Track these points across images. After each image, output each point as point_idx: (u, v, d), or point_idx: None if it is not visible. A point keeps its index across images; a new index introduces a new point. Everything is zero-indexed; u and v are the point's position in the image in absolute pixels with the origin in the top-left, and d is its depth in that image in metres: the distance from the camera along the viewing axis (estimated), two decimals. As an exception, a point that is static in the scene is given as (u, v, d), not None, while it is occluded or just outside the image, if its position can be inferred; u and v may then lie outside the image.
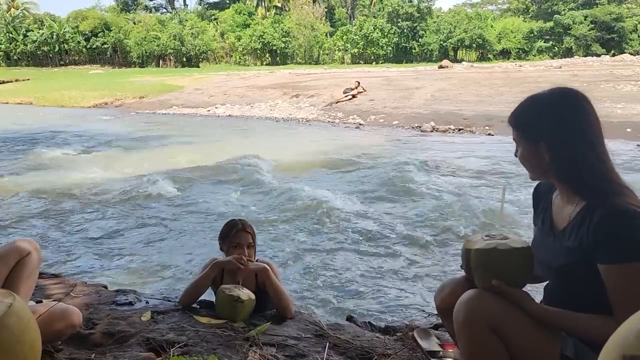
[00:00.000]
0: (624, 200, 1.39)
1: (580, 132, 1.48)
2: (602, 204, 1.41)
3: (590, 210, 1.44)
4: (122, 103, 25.10)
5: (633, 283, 1.35)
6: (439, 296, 1.84)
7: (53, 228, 6.12)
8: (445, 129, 15.18)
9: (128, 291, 2.95)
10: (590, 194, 1.46)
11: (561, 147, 1.49)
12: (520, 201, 6.93)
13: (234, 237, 2.74)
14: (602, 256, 1.39)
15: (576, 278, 1.50)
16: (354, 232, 5.90)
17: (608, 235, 1.38)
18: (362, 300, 4.18)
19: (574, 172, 1.48)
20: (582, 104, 1.51)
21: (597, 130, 1.50)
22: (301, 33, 53.55)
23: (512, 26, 51.20)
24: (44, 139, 14.01)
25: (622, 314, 1.34)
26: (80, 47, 56.09)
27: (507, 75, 24.63)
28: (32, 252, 2.14)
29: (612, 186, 1.44)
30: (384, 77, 26.69)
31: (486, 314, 1.48)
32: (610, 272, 1.38)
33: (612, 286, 1.38)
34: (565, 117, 1.49)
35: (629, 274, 1.35)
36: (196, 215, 6.66)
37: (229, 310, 2.51)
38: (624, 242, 1.36)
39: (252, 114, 20.25)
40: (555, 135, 1.49)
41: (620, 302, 1.37)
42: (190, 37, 53.70)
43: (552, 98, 1.54)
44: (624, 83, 20.19)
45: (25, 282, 2.11)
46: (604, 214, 1.40)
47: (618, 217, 1.37)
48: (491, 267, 1.56)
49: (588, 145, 1.47)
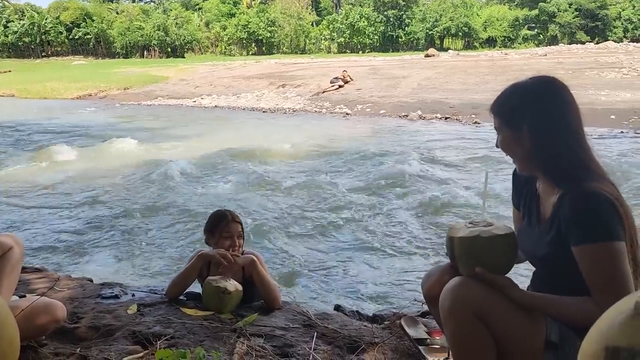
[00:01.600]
0: (598, 186, 1.41)
1: (560, 119, 1.50)
2: (576, 189, 1.44)
3: (565, 196, 1.47)
4: (106, 94, 24.79)
5: (603, 263, 1.37)
6: (426, 284, 1.85)
7: (37, 222, 6.04)
8: (431, 117, 15.21)
9: (114, 284, 2.92)
10: (567, 182, 1.48)
11: (542, 133, 1.50)
12: (504, 188, 6.99)
13: (224, 229, 2.71)
14: (572, 238, 1.42)
15: (559, 265, 1.52)
16: (340, 222, 5.90)
17: (576, 217, 1.41)
18: (350, 290, 4.19)
19: (554, 159, 1.50)
20: (563, 92, 1.53)
21: (577, 118, 1.52)
22: (287, 22, 53.23)
23: (497, 14, 51.37)
24: (26, 131, 13.79)
25: (597, 294, 1.39)
26: (62, 38, 55.22)
27: (493, 63, 24.73)
28: (14, 246, 2.10)
29: (589, 174, 1.46)
30: (370, 66, 26.65)
31: (471, 302, 1.49)
32: (580, 253, 1.41)
33: (584, 267, 1.41)
34: (546, 104, 1.51)
35: (597, 255, 1.38)
36: (182, 207, 6.61)
37: (216, 301, 2.50)
38: (590, 223, 1.39)
39: (239, 105, 20.12)
40: (536, 122, 1.51)
41: (593, 282, 1.40)
42: (174, 27, 53.12)
43: (533, 86, 1.56)
44: (608, 70, 20.38)
45: (8, 277, 2.07)
46: (572, 196, 1.43)
47: (585, 199, 1.40)
48: (474, 255, 1.56)
49: (568, 132, 1.49)
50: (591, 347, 0.74)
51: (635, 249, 1.44)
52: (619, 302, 0.77)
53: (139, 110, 19.64)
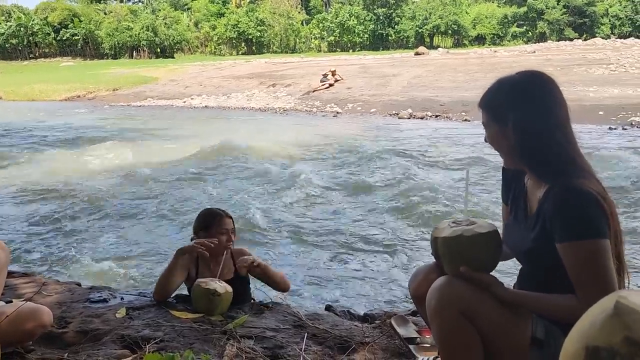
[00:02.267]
0: (582, 182, 1.41)
1: (546, 113, 1.49)
2: (561, 185, 1.43)
3: (550, 191, 1.47)
4: (95, 96, 24.63)
5: (587, 261, 1.37)
6: (412, 283, 1.85)
7: (23, 226, 5.98)
8: (422, 115, 15.27)
9: (102, 288, 2.90)
10: (553, 177, 1.47)
11: (527, 127, 1.50)
12: (488, 184, 7.03)
13: (219, 225, 2.65)
14: (557, 234, 1.42)
15: (543, 261, 1.52)
16: (329, 222, 5.90)
17: (560, 213, 1.41)
18: (340, 290, 4.19)
19: (539, 153, 1.50)
20: (550, 87, 1.53)
21: (564, 112, 1.51)
22: (276, 21, 53.12)
23: (486, 12, 51.59)
24: (13, 134, 13.65)
25: (581, 291, 1.39)
26: (50, 39, 54.74)
27: (482, 61, 24.84)
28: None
29: (575, 169, 1.45)
30: (360, 64, 26.68)
31: (457, 300, 1.49)
32: (565, 250, 1.40)
33: (568, 264, 1.40)
34: (532, 98, 1.51)
35: (581, 252, 1.37)
36: (170, 209, 6.58)
37: (205, 303, 2.48)
38: (575, 220, 1.39)
39: (229, 105, 20.07)
40: (522, 116, 1.50)
41: (577, 280, 1.39)
42: (163, 27, 52.83)
43: (519, 80, 1.55)
44: (596, 67, 20.54)
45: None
46: (556, 192, 1.43)
47: (570, 195, 1.40)
48: (458, 254, 1.57)
49: (554, 126, 1.49)
50: (572, 346, 0.74)
51: (619, 246, 1.44)
52: (600, 301, 0.77)
53: (128, 112, 19.52)
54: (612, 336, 0.69)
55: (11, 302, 2.23)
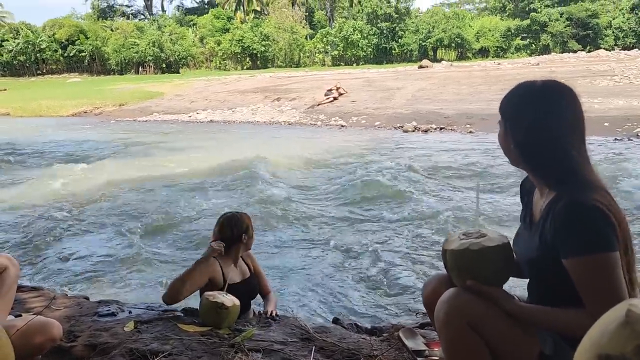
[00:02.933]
0: (588, 195, 1.39)
1: (555, 120, 1.48)
2: (565, 196, 1.41)
3: (555, 202, 1.45)
4: (101, 111, 24.82)
5: (596, 275, 1.34)
6: (425, 292, 1.86)
7: (33, 240, 6.01)
8: (426, 128, 15.28)
9: (110, 301, 2.91)
10: (557, 185, 1.46)
11: (533, 131, 1.49)
12: (497, 196, 7.02)
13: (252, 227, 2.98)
14: (563, 250, 1.40)
15: (545, 272, 1.51)
16: (337, 235, 5.90)
17: (565, 229, 1.38)
18: (348, 302, 4.17)
19: (542, 158, 1.49)
20: (564, 96, 1.52)
21: (575, 122, 1.50)
22: (281, 36, 53.52)
23: (489, 25, 51.78)
24: (20, 149, 13.76)
25: (591, 305, 1.36)
26: (57, 56, 55.30)
27: (486, 73, 24.91)
28: (9, 267, 2.10)
29: (581, 180, 1.44)
30: (364, 78, 26.80)
31: (465, 313, 1.49)
32: (571, 265, 1.38)
33: (576, 279, 1.38)
34: (543, 103, 1.50)
35: (590, 267, 1.35)
36: (178, 222, 6.60)
37: (213, 317, 2.49)
38: (579, 235, 1.36)
39: (234, 119, 20.18)
40: (530, 119, 1.50)
41: (587, 294, 1.37)
42: (169, 43, 53.31)
43: (537, 85, 1.55)
44: (600, 78, 20.54)
45: (3, 298, 2.07)
46: (562, 206, 1.40)
47: (576, 210, 1.37)
48: (465, 267, 1.57)
49: (561, 134, 1.47)
50: (583, 356, 0.74)
51: (629, 257, 1.42)
52: (611, 309, 0.77)
53: (134, 126, 19.65)
54: (623, 345, 0.69)
55: (21, 316, 2.24)
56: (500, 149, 1.63)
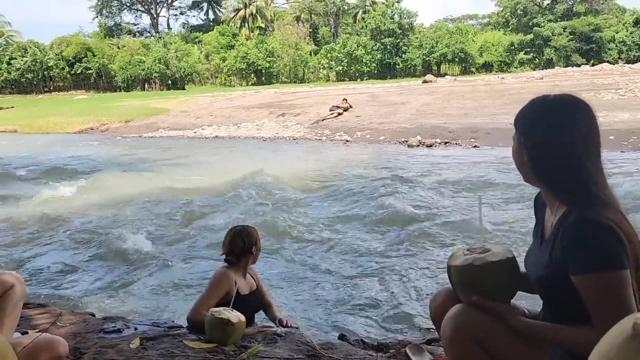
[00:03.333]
0: (599, 212, 1.38)
1: (568, 135, 1.47)
2: (576, 212, 1.40)
3: (565, 218, 1.44)
4: (107, 128, 25.00)
5: (605, 293, 1.33)
6: (432, 306, 1.86)
7: (39, 257, 6.03)
8: (431, 142, 15.28)
9: (116, 318, 2.91)
10: (568, 200, 1.46)
11: (545, 145, 1.48)
12: (500, 211, 6.99)
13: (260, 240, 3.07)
14: (571, 267, 1.38)
15: (554, 288, 1.49)
16: (342, 250, 5.88)
17: (575, 245, 1.37)
18: (354, 318, 4.15)
19: (553, 173, 1.48)
20: (578, 110, 1.51)
21: (589, 138, 1.49)
22: (285, 52, 53.95)
23: (493, 39, 52.04)
24: (26, 166, 13.85)
25: (599, 323, 1.34)
26: (64, 73, 55.90)
27: (490, 87, 24.96)
28: (15, 284, 2.12)
29: (592, 196, 1.42)
30: (369, 93, 26.91)
31: (472, 329, 1.48)
32: (580, 282, 1.37)
33: (585, 297, 1.37)
34: (556, 118, 1.49)
35: (599, 285, 1.34)
36: (184, 237, 6.61)
37: (219, 333, 2.48)
38: (588, 252, 1.35)
39: (239, 135, 20.27)
40: (542, 134, 1.49)
41: (596, 312, 1.35)
42: (175, 59, 53.82)
43: (550, 100, 1.55)
44: (605, 92, 20.55)
45: (10, 315, 2.08)
46: (572, 222, 1.39)
47: (586, 226, 1.36)
48: (469, 283, 1.56)
49: (574, 149, 1.46)
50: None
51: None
52: (618, 323, 0.76)
53: (140, 142, 19.77)
54: (632, 358, 0.69)
55: (27, 333, 2.24)
56: (505, 163, 1.63)
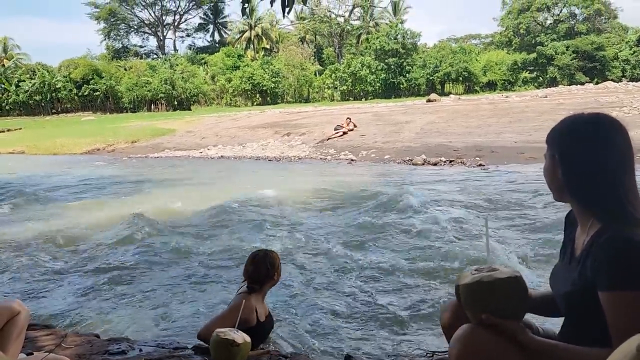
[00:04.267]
0: (634, 230, 1.37)
1: (601, 153, 1.48)
2: (610, 230, 1.40)
3: (599, 235, 1.44)
4: (114, 148, 25.20)
5: (630, 313, 1.32)
6: (442, 316, 1.87)
7: (43, 277, 6.03)
8: (436, 161, 15.29)
9: (120, 339, 2.90)
10: (603, 218, 1.45)
11: (578, 163, 1.50)
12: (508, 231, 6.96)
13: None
14: (600, 282, 1.38)
15: (579, 305, 1.49)
16: (347, 270, 5.85)
17: (607, 261, 1.37)
18: (359, 340, 4.11)
19: (587, 192, 1.49)
20: (611, 129, 1.53)
21: (622, 156, 1.50)
22: (290, 73, 54.48)
23: (496, 59, 52.38)
24: (33, 186, 13.93)
25: (618, 343, 1.27)
26: (72, 95, 56.61)
27: (494, 106, 25.03)
28: (21, 312, 2.19)
29: (627, 214, 1.42)
30: (373, 112, 27.04)
31: (480, 350, 1.47)
32: (608, 299, 1.36)
33: (610, 314, 1.36)
34: (589, 136, 1.51)
35: (624, 303, 1.33)
36: (190, 257, 6.60)
37: (224, 354, 2.46)
38: (620, 269, 1.34)
39: (244, 154, 20.37)
40: (576, 152, 1.51)
41: (617, 331, 1.34)
42: (181, 80, 54.45)
43: (583, 118, 1.58)
44: (609, 110, 20.55)
45: (16, 340, 2.14)
46: (606, 239, 1.39)
47: (620, 244, 1.36)
48: (479, 300, 1.56)
49: (607, 167, 1.47)
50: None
51: None
52: (623, 344, 0.76)
53: (146, 163, 19.90)
54: None
55: (32, 355, 2.24)
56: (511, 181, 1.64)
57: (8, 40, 66.54)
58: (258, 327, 2.74)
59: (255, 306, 2.82)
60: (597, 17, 56.10)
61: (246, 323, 2.74)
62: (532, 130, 18.20)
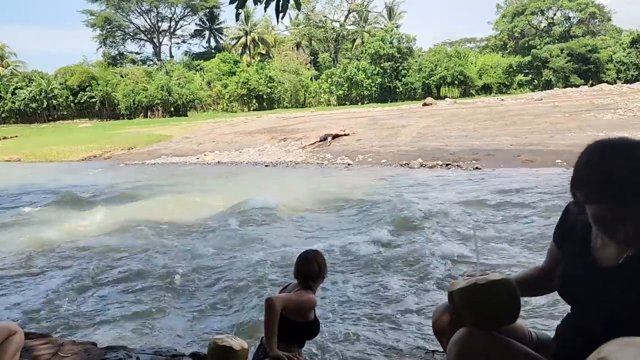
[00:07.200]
0: None
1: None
2: None
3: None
4: (110, 155, 25.17)
5: None
6: (434, 320, 1.88)
7: (40, 285, 6.01)
8: (433, 165, 15.32)
9: (117, 347, 2.89)
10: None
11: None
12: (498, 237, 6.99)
13: None
14: None
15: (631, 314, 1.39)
16: (347, 271, 5.86)
17: None
18: (359, 340, 4.11)
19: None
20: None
21: None
22: (286, 78, 54.53)
23: (491, 62, 52.61)
24: (28, 194, 13.89)
25: None
26: (68, 102, 56.50)
27: (490, 109, 25.15)
28: (18, 331, 2.25)
29: None
30: (369, 117, 27.12)
31: (476, 353, 1.49)
32: None
33: None
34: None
35: None
36: (185, 266, 6.59)
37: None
38: None
39: (241, 160, 20.37)
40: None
41: None
42: (177, 87, 54.42)
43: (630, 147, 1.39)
44: (604, 112, 20.67)
45: (12, 358, 2.20)
46: None
47: None
48: (475, 302, 1.59)
49: None
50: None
51: None
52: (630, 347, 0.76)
53: (143, 169, 19.86)
54: None
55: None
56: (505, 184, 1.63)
57: (4, 47, 66.45)
58: (313, 324, 2.76)
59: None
60: (591, 19, 56.44)
61: (305, 317, 2.75)
62: (528, 133, 18.28)
